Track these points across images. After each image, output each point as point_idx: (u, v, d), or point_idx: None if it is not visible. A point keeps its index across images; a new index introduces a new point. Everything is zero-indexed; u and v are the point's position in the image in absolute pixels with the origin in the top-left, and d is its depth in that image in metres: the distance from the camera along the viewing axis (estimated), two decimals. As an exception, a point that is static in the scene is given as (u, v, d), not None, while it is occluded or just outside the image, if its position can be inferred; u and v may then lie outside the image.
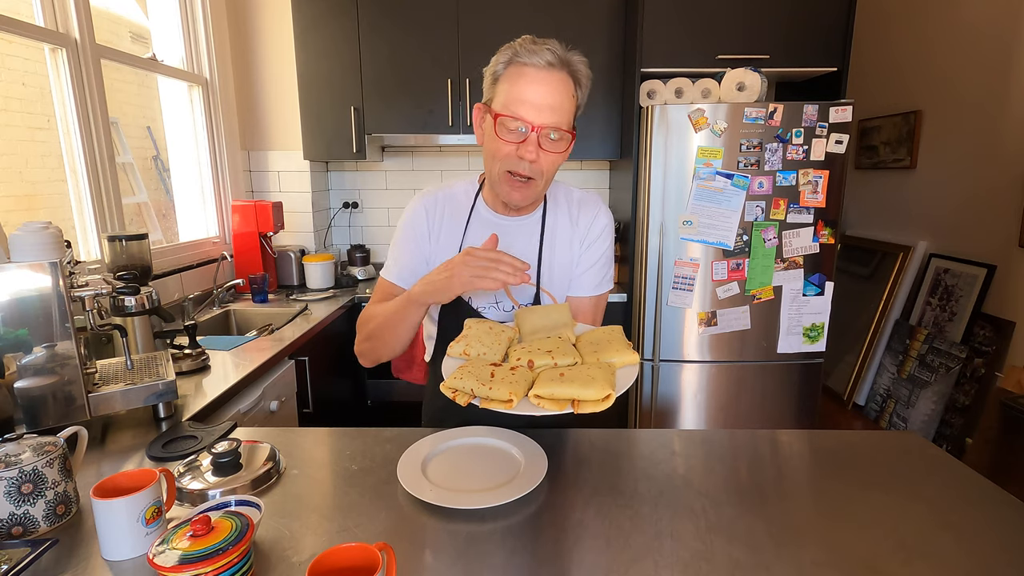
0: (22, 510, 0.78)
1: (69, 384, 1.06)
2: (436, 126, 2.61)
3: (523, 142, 0.97)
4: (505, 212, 1.12)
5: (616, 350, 0.90)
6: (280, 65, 2.68)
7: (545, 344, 0.91)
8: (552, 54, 0.95)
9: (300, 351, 1.93)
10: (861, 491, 0.90)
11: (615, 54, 2.55)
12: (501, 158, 1.00)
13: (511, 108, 0.96)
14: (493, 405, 0.80)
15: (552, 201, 1.15)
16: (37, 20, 1.68)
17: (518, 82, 0.96)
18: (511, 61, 0.98)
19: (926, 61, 2.62)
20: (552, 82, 0.96)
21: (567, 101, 0.97)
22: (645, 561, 0.73)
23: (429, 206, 1.13)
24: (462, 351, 0.93)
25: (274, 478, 0.92)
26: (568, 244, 1.13)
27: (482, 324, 0.98)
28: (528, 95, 0.95)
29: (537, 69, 0.95)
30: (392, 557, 0.64)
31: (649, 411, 2.41)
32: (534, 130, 0.96)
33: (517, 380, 0.82)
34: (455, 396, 0.84)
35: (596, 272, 1.15)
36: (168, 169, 2.57)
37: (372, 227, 3.11)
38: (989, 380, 2.20)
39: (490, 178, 1.06)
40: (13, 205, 1.98)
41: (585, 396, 0.79)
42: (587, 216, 1.14)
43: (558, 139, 0.98)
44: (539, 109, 0.95)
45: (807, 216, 2.24)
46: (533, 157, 0.97)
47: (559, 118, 0.96)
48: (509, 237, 1.10)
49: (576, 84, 0.99)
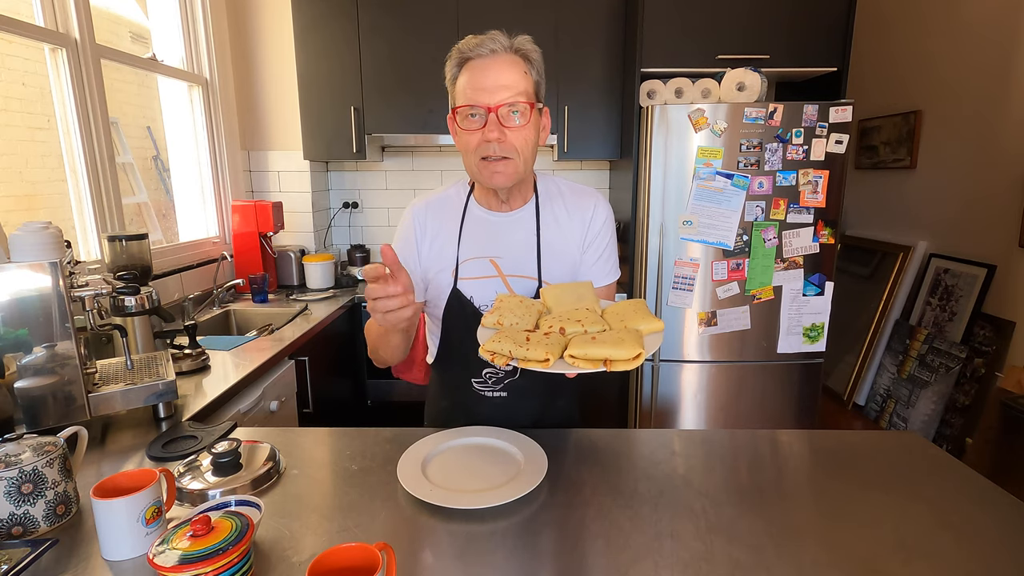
0: (22, 510, 0.78)
1: (69, 384, 1.06)
2: (436, 126, 2.61)
3: (484, 126, 0.99)
4: (498, 208, 1.12)
5: (642, 318, 0.93)
6: (280, 65, 2.68)
7: (575, 315, 0.94)
8: (494, 41, 0.99)
9: (300, 351, 1.93)
10: (861, 491, 0.90)
11: (615, 54, 2.55)
12: (473, 149, 1.02)
13: (465, 98, 1.00)
14: (530, 365, 0.83)
15: (544, 193, 1.15)
16: (37, 20, 1.68)
17: (469, 75, 1.00)
18: (461, 61, 1.02)
19: (926, 61, 2.62)
20: (499, 64, 0.99)
21: (519, 78, 1.00)
22: (645, 561, 0.73)
23: (418, 214, 1.14)
24: (496, 321, 0.95)
25: (274, 478, 0.92)
26: (566, 236, 1.13)
27: (513, 298, 1.00)
28: (478, 83, 0.98)
29: (483, 58, 0.99)
30: (392, 557, 0.64)
31: (649, 411, 2.41)
32: (491, 111, 0.98)
33: (552, 343, 0.85)
34: (493, 358, 0.86)
35: (604, 263, 1.16)
36: (168, 169, 2.57)
37: (372, 227, 3.11)
38: (989, 380, 2.20)
39: (471, 174, 1.08)
40: (13, 205, 1.98)
41: (617, 356, 0.81)
42: (585, 208, 1.14)
43: (520, 115, 1.00)
44: (490, 91, 0.98)
45: (807, 216, 2.24)
46: (496, 135, 0.99)
47: (513, 94, 0.98)
48: (504, 233, 1.11)
49: (526, 61, 1.02)
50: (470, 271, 1.10)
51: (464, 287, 1.10)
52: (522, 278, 1.10)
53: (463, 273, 1.10)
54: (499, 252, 1.10)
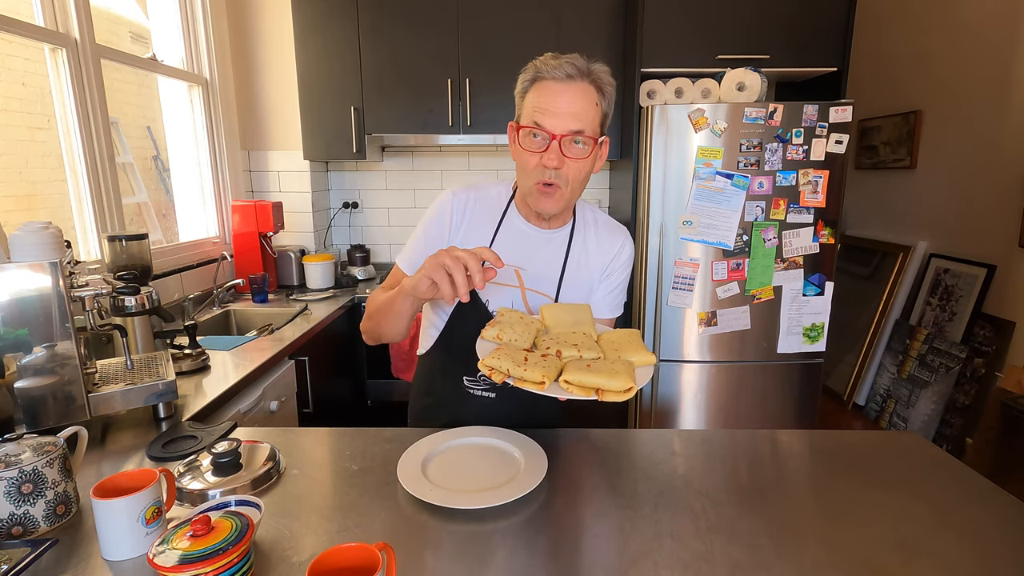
0: (22, 510, 0.78)
1: (69, 384, 1.06)
2: (436, 126, 2.60)
3: (546, 150, 0.99)
4: (536, 223, 1.13)
5: (635, 351, 0.94)
6: (280, 65, 2.68)
7: (572, 338, 0.96)
8: (572, 66, 0.98)
9: (300, 351, 1.93)
10: (861, 491, 0.90)
11: (615, 54, 2.55)
12: (530, 171, 1.02)
13: (532, 119, 0.99)
14: (527, 385, 0.84)
15: (581, 220, 1.17)
16: (37, 20, 1.68)
17: (540, 95, 0.99)
18: (534, 78, 1.01)
19: (926, 61, 2.62)
20: (572, 91, 0.98)
21: (589, 108, 0.99)
22: (645, 561, 0.73)
23: (460, 203, 1.14)
24: (495, 335, 0.96)
25: (274, 478, 0.92)
26: (591, 264, 1.16)
27: (514, 313, 1.02)
28: (548, 105, 0.98)
29: (558, 81, 0.98)
30: (392, 557, 0.64)
31: (649, 411, 2.41)
32: (555, 138, 0.98)
33: (549, 366, 0.87)
34: (491, 373, 0.87)
35: (614, 297, 1.19)
36: (168, 169, 2.57)
37: (372, 227, 3.11)
38: (989, 380, 2.20)
39: (523, 191, 1.09)
40: (13, 205, 1.98)
41: (610, 387, 0.82)
42: (614, 244, 1.17)
43: (582, 146, 1.00)
44: (560, 117, 0.97)
45: (807, 216, 2.24)
46: (556, 164, 0.99)
47: (580, 125, 0.98)
48: (536, 248, 1.13)
49: (599, 92, 1.01)
50: None
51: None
52: (539, 294, 1.11)
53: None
54: (525, 264, 1.11)
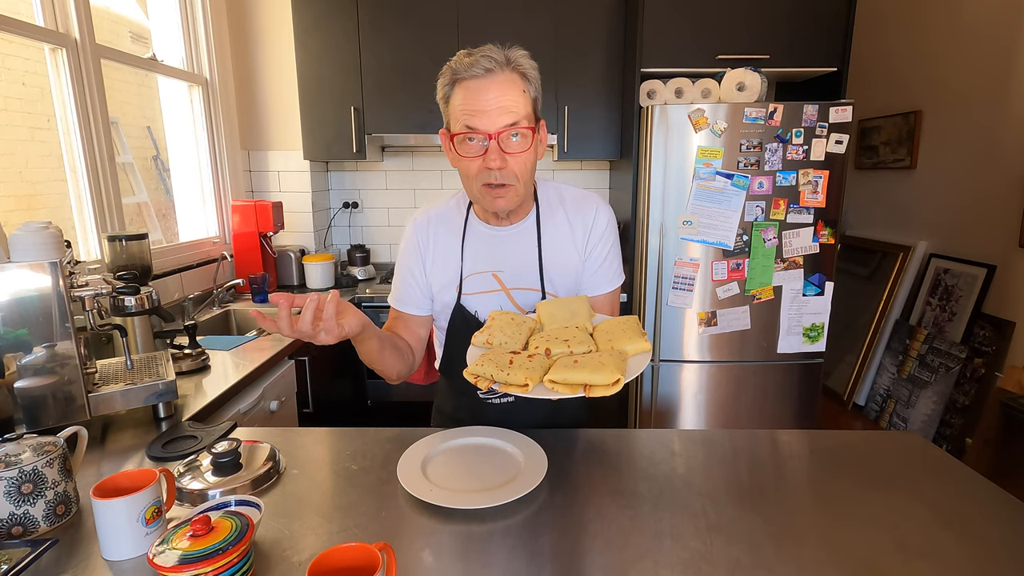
0: (22, 510, 0.78)
1: (69, 384, 1.06)
2: (436, 126, 2.57)
3: (485, 153, 0.96)
4: (498, 223, 1.11)
5: (629, 339, 0.92)
6: (280, 65, 2.68)
7: (563, 334, 0.94)
8: (489, 59, 0.94)
9: (300, 351, 1.93)
10: (861, 491, 0.90)
11: (615, 54, 2.55)
12: (474, 176, 0.99)
13: (463, 123, 0.95)
14: (511, 389, 0.83)
15: (545, 204, 1.13)
16: (37, 20, 1.68)
17: (464, 96, 0.95)
18: (453, 80, 0.96)
19: (926, 61, 2.62)
20: (496, 85, 0.94)
21: (518, 98, 0.96)
22: (645, 561, 0.73)
23: (422, 228, 1.13)
24: (485, 340, 0.95)
25: (274, 478, 0.92)
26: (568, 246, 1.12)
27: (505, 315, 1.00)
28: (475, 105, 0.94)
29: (478, 79, 0.94)
30: (392, 557, 0.64)
31: (649, 411, 2.40)
32: (491, 138, 0.95)
33: (533, 367, 0.85)
34: (476, 381, 0.86)
35: (606, 269, 1.14)
36: (168, 169, 2.57)
37: (372, 227, 3.11)
38: (989, 380, 2.20)
39: (472, 197, 1.07)
40: (13, 205, 1.97)
41: (596, 381, 0.81)
42: (586, 216, 1.12)
43: (520, 138, 0.97)
44: (490, 115, 0.94)
45: (807, 216, 2.24)
46: (499, 164, 0.96)
47: (513, 117, 0.95)
48: (507, 247, 1.10)
49: (523, 78, 0.97)
50: (474, 286, 1.10)
51: (468, 302, 1.10)
52: (526, 290, 1.10)
53: (467, 288, 1.10)
54: (501, 266, 1.10)
